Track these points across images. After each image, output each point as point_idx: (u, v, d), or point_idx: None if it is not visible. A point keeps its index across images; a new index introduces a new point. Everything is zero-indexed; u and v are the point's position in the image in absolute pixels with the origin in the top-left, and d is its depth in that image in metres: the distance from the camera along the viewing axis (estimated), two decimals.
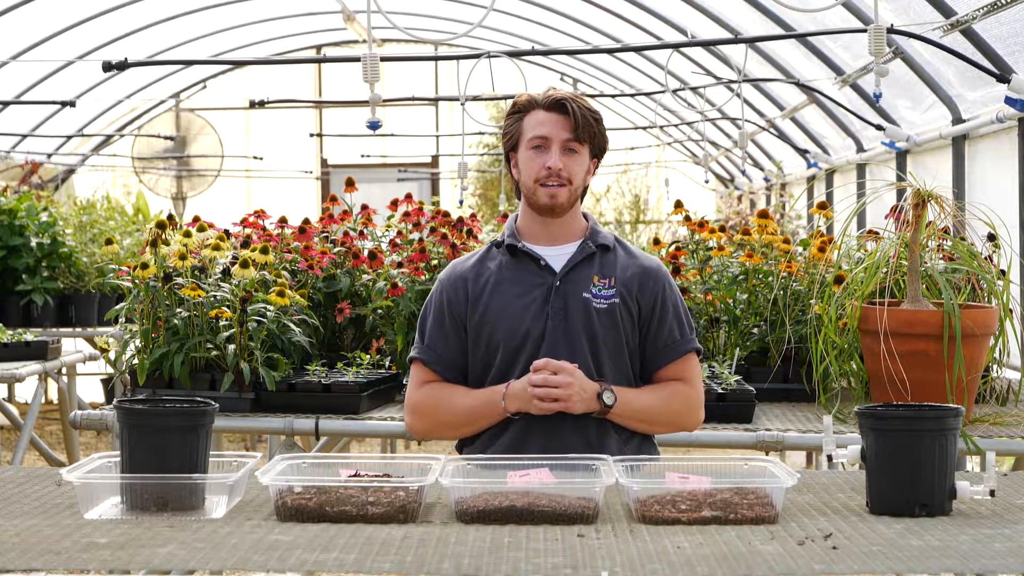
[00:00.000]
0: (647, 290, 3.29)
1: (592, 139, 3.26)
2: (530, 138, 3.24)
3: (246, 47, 14.62)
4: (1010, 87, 5.56)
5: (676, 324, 3.31)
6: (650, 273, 3.31)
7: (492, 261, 3.34)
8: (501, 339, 3.25)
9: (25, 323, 8.06)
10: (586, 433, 3.22)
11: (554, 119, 3.23)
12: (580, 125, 3.21)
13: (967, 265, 4.20)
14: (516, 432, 3.23)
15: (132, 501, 2.66)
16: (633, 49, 9.30)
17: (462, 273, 3.34)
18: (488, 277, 3.30)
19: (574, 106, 3.21)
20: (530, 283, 3.27)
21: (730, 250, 5.02)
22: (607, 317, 3.24)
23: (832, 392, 4.30)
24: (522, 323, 3.23)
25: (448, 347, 3.31)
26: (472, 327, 3.28)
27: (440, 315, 3.32)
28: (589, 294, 3.25)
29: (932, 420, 2.68)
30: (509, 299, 3.26)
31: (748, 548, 2.40)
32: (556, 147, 3.22)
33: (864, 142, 8.98)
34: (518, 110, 3.29)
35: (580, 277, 3.27)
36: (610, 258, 3.30)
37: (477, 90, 8.27)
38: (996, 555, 2.37)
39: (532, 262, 3.29)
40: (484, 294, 3.28)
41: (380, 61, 4.74)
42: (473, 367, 3.32)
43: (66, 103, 8.83)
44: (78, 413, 4.53)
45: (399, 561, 2.31)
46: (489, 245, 3.39)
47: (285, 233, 5.25)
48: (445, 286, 3.34)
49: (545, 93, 3.28)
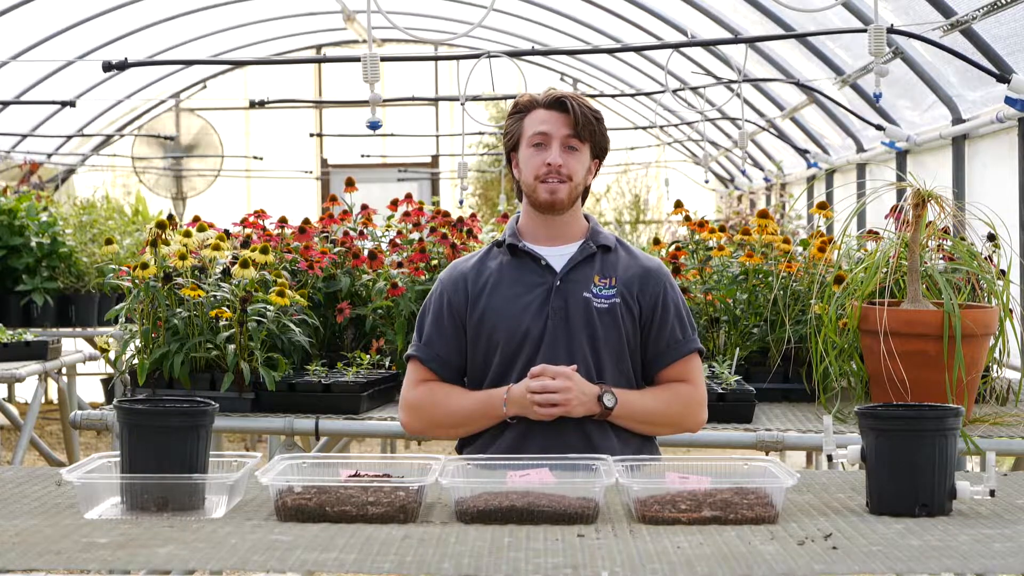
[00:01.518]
0: (648, 290, 3.29)
1: (592, 137, 3.26)
2: (530, 136, 3.25)
3: (246, 47, 14.62)
4: (1010, 87, 5.56)
5: (678, 324, 3.31)
6: (651, 273, 3.31)
7: (493, 261, 3.34)
8: (500, 338, 3.25)
9: (25, 323, 8.06)
10: (586, 433, 3.22)
11: (555, 117, 3.24)
12: (580, 123, 3.22)
13: (967, 265, 4.20)
14: (516, 433, 3.23)
15: (132, 501, 2.66)
16: (633, 49, 9.31)
17: (463, 272, 3.34)
18: (488, 276, 3.30)
19: (574, 104, 3.22)
20: (530, 283, 3.27)
21: (730, 250, 5.02)
22: (608, 317, 3.24)
23: (832, 392, 4.30)
24: (521, 323, 3.23)
25: (446, 346, 3.31)
26: (471, 326, 3.28)
27: (439, 314, 3.32)
28: (590, 294, 3.25)
29: (932, 420, 2.68)
30: (509, 299, 3.26)
31: (748, 548, 2.40)
32: (556, 144, 3.23)
33: (864, 142, 8.98)
34: (519, 110, 3.30)
35: (581, 277, 3.27)
36: (611, 258, 3.31)
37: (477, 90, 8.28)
38: (996, 555, 2.37)
39: (533, 262, 3.29)
40: (484, 293, 3.28)
41: (380, 61, 4.74)
42: (472, 366, 3.32)
43: (66, 103, 8.84)
44: (78, 413, 4.53)
45: (399, 561, 2.31)
46: (490, 245, 3.39)
47: (285, 233, 5.25)
48: (445, 285, 3.34)
49: (546, 92, 3.29)
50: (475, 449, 3.31)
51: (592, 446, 3.18)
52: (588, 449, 3.16)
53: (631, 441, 3.28)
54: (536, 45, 12.12)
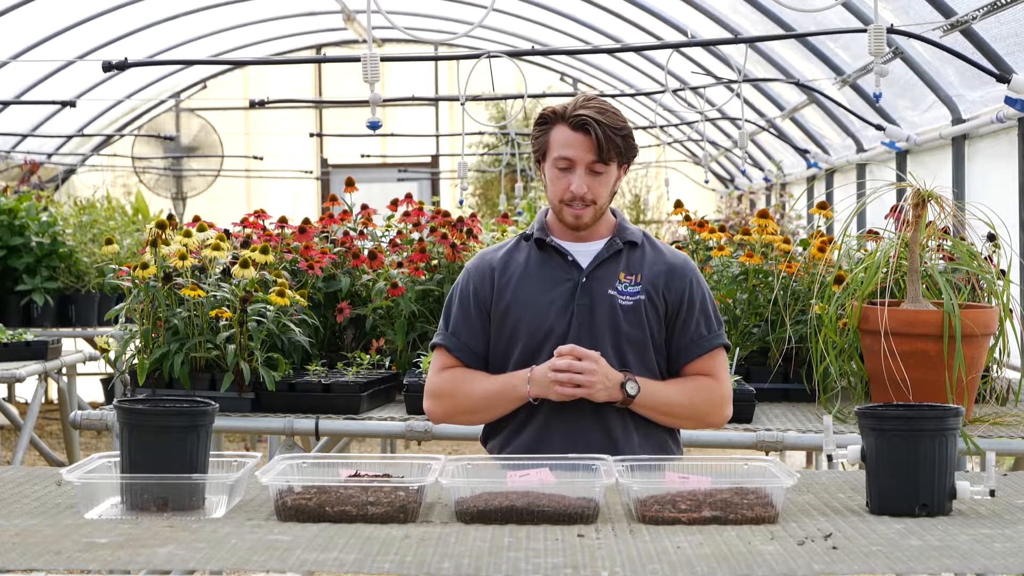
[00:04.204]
0: (674, 287, 3.29)
1: (619, 155, 3.25)
2: (555, 158, 3.24)
3: (246, 47, 14.62)
4: (1010, 87, 5.56)
5: (703, 320, 3.31)
6: (677, 269, 3.31)
7: (520, 253, 3.34)
8: (524, 332, 3.25)
9: (25, 323, 8.06)
10: (608, 427, 3.21)
11: (579, 140, 3.20)
12: (604, 148, 3.19)
13: (967, 265, 4.20)
14: (538, 425, 3.23)
15: (132, 501, 2.66)
16: (633, 49, 9.30)
17: (490, 262, 3.34)
18: (515, 269, 3.30)
19: (597, 129, 3.18)
20: (556, 278, 3.27)
21: (730, 250, 5.02)
22: (632, 315, 3.24)
23: (832, 392, 4.30)
24: (546, 319, 3.24)
25: (472, 335, 3.31)
26: (496, 317, 3.29)
27: (465, 302, 3.32)
28: (615, 291, 3.25)
29: (932, 420, 2.68)
30: (534, 293, 3.26)
31: (748, 548, 2.40)
32: (581, 170, 3.21)
33: (864, 142, 8.98)
34: (545, 121, 3.28)
35: (606, 274, 3.26)
36: (637, 254, 3.30)
37: (477, 90, 8.28)
38: (996, 555, 2.37)
39: (559, 257, 3.29)
40: (510, 286, 3.28)
41: (380, 61, 4.73)
42: (494, 357, 3.31)
43: (66, 103, 8.84)
44: (78, 413, 4.53)
45: (399, 561, 2.31)
46: (518, 237, 3.39)
47: (285, 233, 5.24)
48: (472, 274, 3.34)
49: (572, 105, 3.24)
50: (498, 442, 3.31)
51: (614, 441, 3.18)
52: (610, 444, 3.16)
53: (654, 437, 3.27)
54: (536, 45, 12.12)
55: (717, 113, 10.75)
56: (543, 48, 10.80)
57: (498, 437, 3.33)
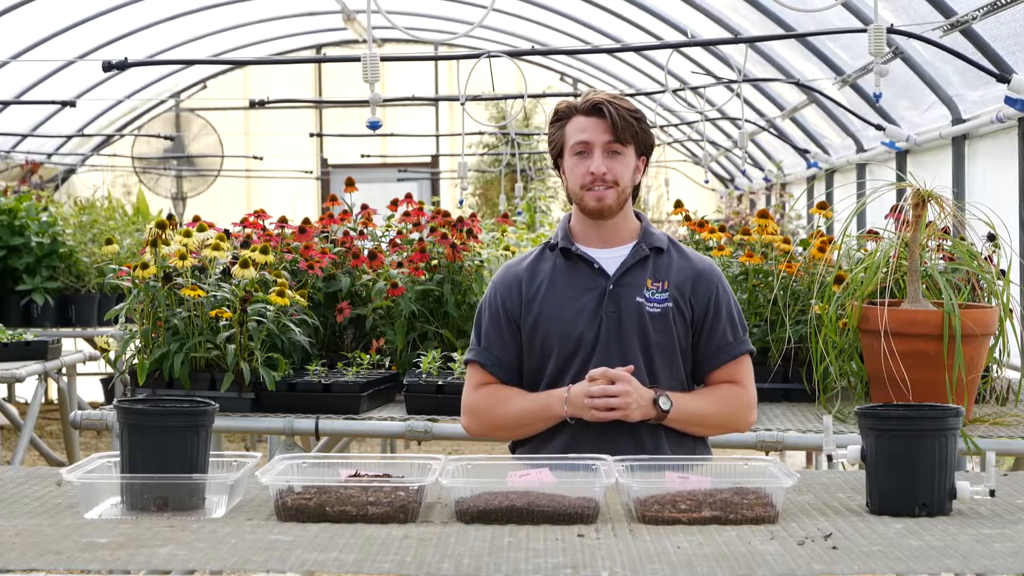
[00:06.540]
0: (700, 293, 3.29)
1: (635, 138, 3.25)
2: (572, 144, 3.25)
3: (246, 47, 14.62)
4: (1010, 87, 5.56)
5: (729, 327, 3.31)
6: (703, 275, 3.31)
7: (546, 263, 3.33)
8: (555, 343, 3.25)
9: (25, 323, 8.06)
10: (639, 435, 3.21)
11: (594, 123, 3.22)
12: (620, 126, 3.20)
13: (967, 265, 4.20)
14: (569, 434, 3.23)
15: (132, 501, 2.66)
16: (633, 49, 9.31)
17: (516, 274, 3.34)
18: (542, 280, 3.30)
19: (611, 109, 3.20)
20: (584, 286, 3.27)
21: (730, 250, 5.02)
22: (660, 322, 3.24)
23: (832, 392, 4.30)
24: (575, 327, 3.24)
25: (504, 348, 3.31)
26: (526, 328, 3.29)
27: (496, 316, 3.32)
28: (643, 298, 3.25)
29: (932, 420, 2.68)
30: (563, 302, 3.26)
31: (748, 548, 2.40)
32: (598, 151, 3.22)
33: (864, 142, 8.98)
34: (559, 117, 3.29)
35: (634, 281, 3.26)
36: (664, 260, 3.30)
37: (477, 90, 8.27)
38: (996, 555, 2.37)
39: (585, 265, 3.28)
40: (538, 296, 3.28)
41: (380, 61, 4.73)
42: (527, 369, 3.32)
43: (66, 103, 8.84)
44: (78, 413, 4.53)
45: (399, 561, 2.31)
46: (542, 246, 3.38)
47: (285, 233, 5.24)
48: (499, 287, 3.34)
49: (584, 97, 3.27)
50: (527, 450, 3.31)
51: (645, 449, 3.18)
52: (639, 451, 3.15)
53: (684, 443, 3.28)
54: (536, 45, 12.12)
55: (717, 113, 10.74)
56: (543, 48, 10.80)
57: (528, 444, 3.33)
